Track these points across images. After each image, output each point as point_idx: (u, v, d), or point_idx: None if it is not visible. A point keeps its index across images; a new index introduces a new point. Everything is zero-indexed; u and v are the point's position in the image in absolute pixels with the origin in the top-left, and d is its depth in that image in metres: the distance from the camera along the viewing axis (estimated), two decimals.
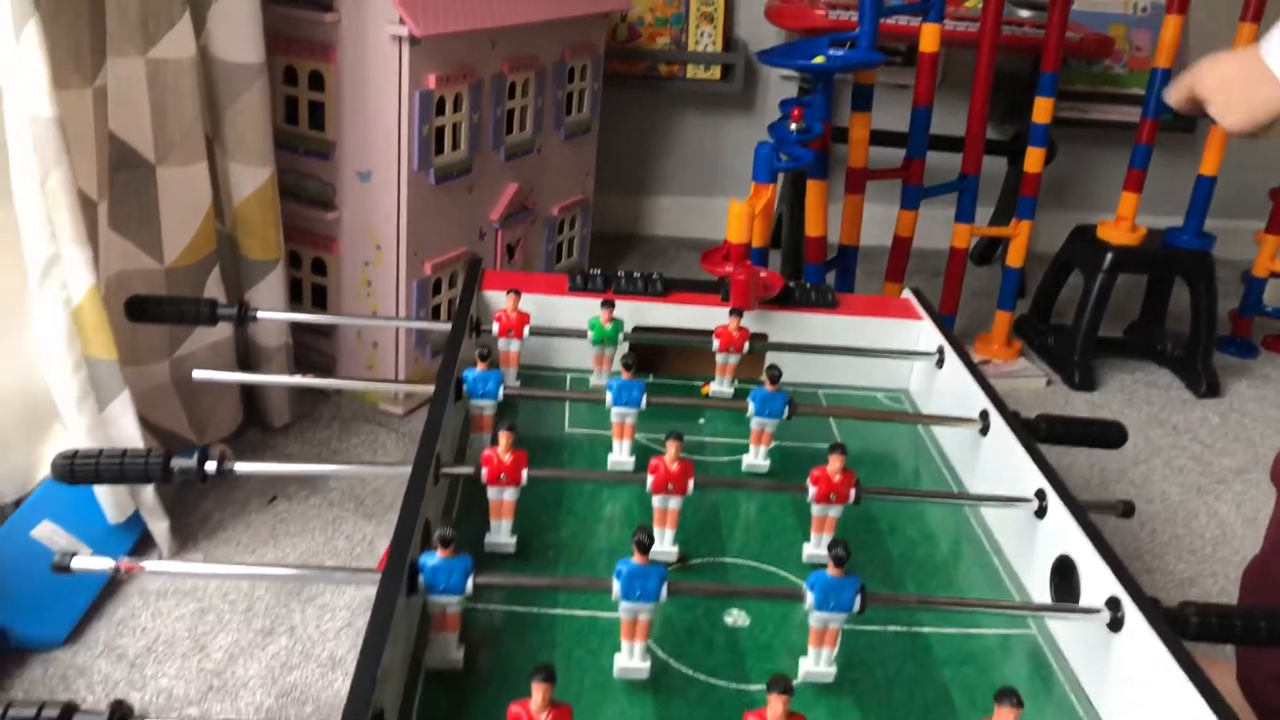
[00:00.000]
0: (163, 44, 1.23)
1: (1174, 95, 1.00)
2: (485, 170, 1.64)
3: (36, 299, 1.12)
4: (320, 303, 1.62)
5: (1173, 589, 1.36)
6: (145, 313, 1.10)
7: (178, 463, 0.81)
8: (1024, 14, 2.22)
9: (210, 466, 0.81)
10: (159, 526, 1.23)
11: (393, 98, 1.44)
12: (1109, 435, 1.02)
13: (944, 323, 1.21)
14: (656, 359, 1.22)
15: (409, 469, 0.80)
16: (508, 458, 0.82)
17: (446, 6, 1.44)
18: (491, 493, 0.84)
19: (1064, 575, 0.83)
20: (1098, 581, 0.78)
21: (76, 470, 0.81)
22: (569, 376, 1.19)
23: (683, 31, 2.30)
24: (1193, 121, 2.48)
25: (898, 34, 2.05)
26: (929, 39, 1.75)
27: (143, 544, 1.23)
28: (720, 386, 1.14)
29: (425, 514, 0.78)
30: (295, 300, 1.61)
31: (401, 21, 1.38)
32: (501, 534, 0.86)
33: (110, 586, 1.17)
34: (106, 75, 1.17)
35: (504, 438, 0.82)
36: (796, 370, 1.17)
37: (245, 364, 1.49)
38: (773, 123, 1.56)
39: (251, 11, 1.31)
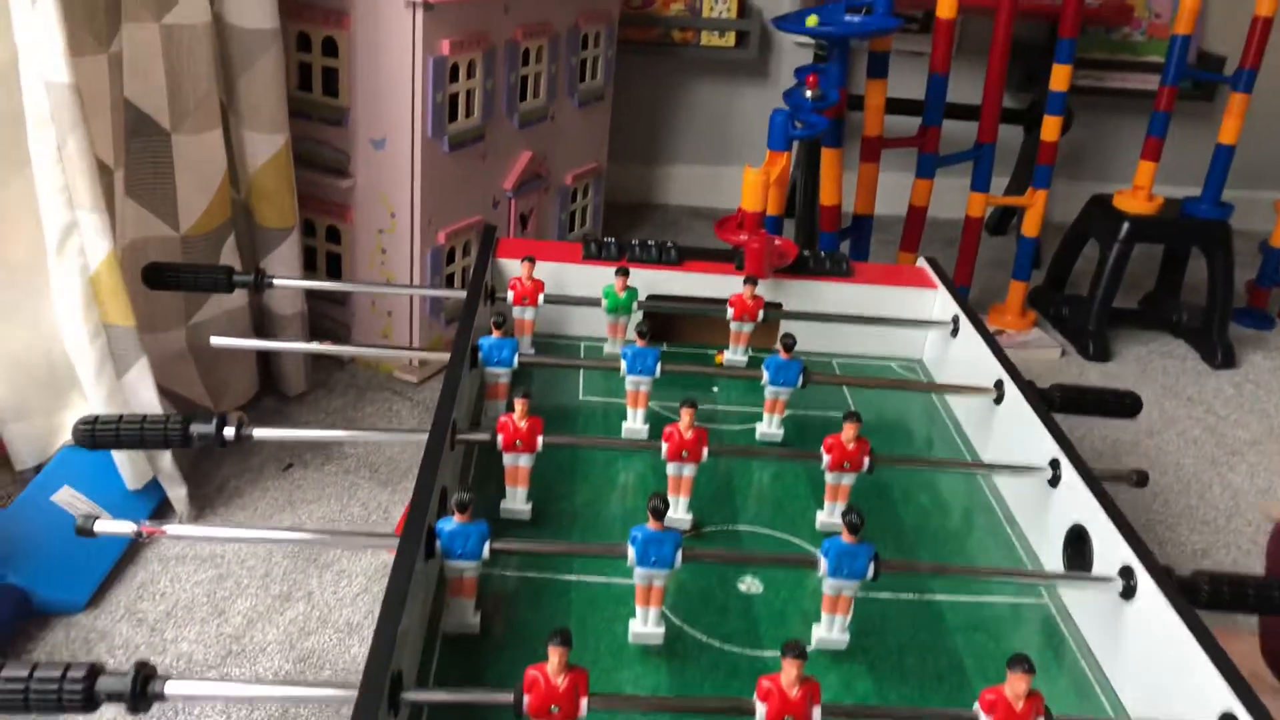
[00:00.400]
0: (177, 10, 1.22)
1: None
2: (498, 138, 1.63)
3: (54, 266, 1.13)
4: (334, 271, 1.63)
5: (1186, 560, 1.36)
6: (162, 280, 1.10)
7: (197, 428, 0.82)
8: None
9: (229, 431, 0.82)
10: (177, 493, 1.24)
11: (406, 64, 1.43)
12: (1124, 405, 1.02)
13: (959, 292, 1.21)
14: (670, 327, 1.22)
15: (425, 435, 0.80)
16: (523, 424, 0.83)
17: None
18: (507, 459, 0.85)
19: (1077, 544, 0.84)
20: (1110, 550, 0.78)
21: (97, 436, 0.82)
22: (583, 345, 1.19)
23: None
24: (1212, 90, 2.45)
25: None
26: (946, 5, 1.73)
27: (161, 510, 1.24)
28: (734, 355, 1.14)
29: (442, 480, 0.78)
30: (309, 269, 1.62)
31: None
32: (517, 501, 0.87)
33: (129, 552, 1.18)
34: (121, 41, 1.17)
35: (520, 404, 0.82)
36: (811, 339, 1.17)
37: (261, 332, 1.50)
38: (788, 89, 1.55)
39: None
